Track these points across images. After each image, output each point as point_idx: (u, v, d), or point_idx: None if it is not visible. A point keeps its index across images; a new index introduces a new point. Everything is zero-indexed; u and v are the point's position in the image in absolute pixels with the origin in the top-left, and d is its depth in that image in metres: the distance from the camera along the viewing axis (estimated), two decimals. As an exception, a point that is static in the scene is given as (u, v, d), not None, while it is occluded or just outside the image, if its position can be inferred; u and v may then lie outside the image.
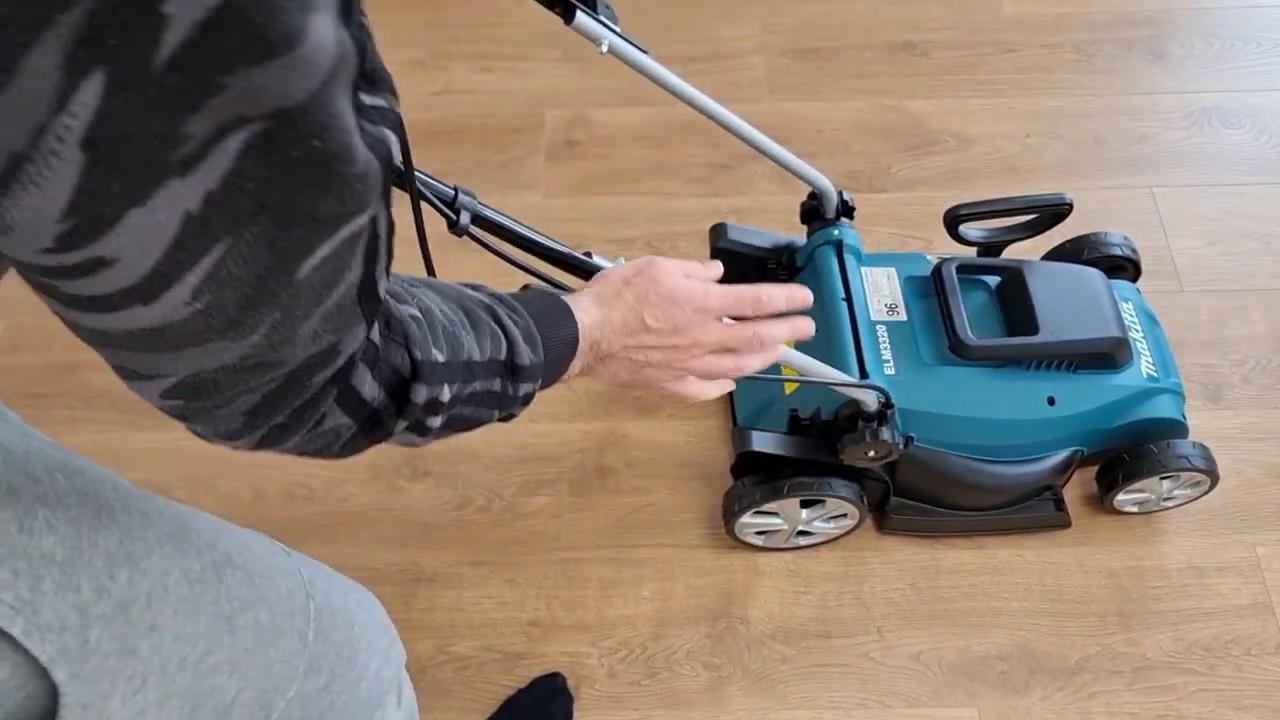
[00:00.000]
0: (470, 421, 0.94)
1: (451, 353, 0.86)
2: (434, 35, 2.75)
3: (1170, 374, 1.87)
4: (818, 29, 2.75)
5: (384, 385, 0.79)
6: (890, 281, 1.86)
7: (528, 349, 0.95)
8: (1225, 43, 2.69)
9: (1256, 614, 1.92)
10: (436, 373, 0.83)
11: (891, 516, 1.95)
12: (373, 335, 0.76)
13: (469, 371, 0.88)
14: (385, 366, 0.79)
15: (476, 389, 0.90)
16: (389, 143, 0.61)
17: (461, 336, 0.88)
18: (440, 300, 0.90)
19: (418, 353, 0.81)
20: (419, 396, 0.82)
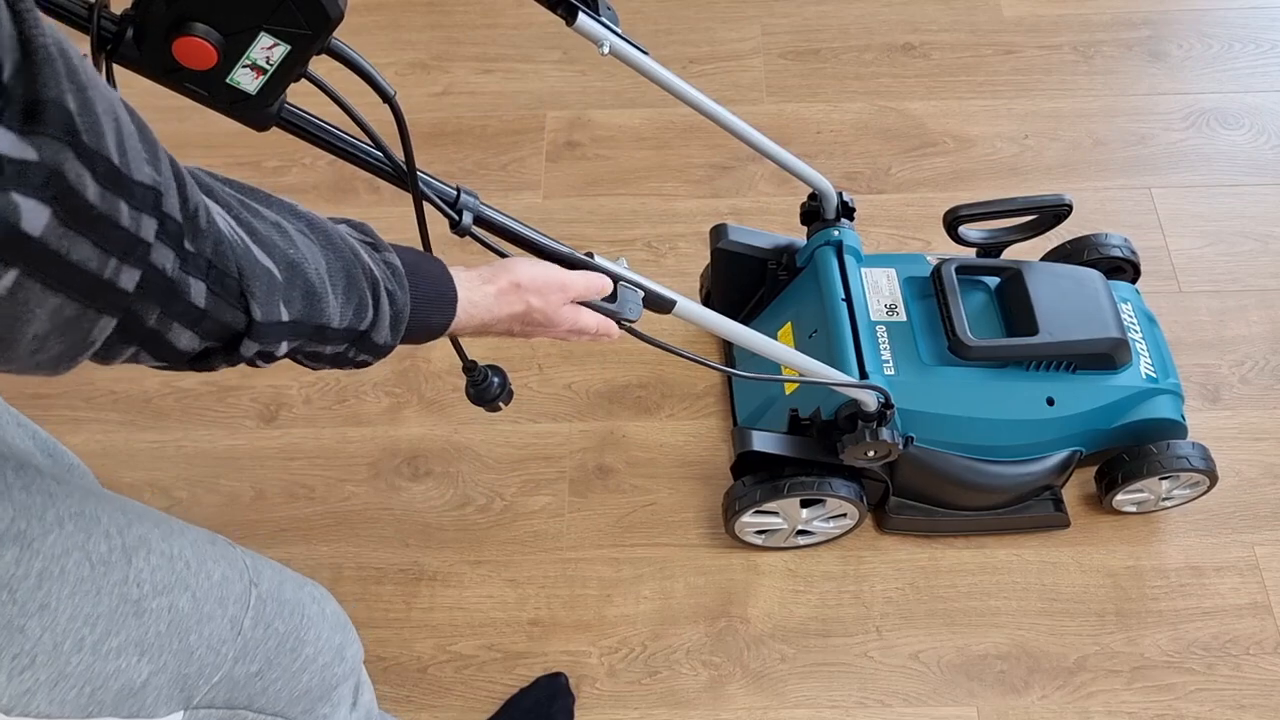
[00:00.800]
0: (310, 363, 0.94)
1: (304, 313, 0.85)
2: (435, 37, 2.76)
3: (1169, 375, 1.87)
4: (817, 31, 2.75)
5: (208, 337, 0.78)
6: (890, 282, 1.87)
7: (389, 333, 0.96)
8: (1224, 44, 2.69)
9: (1255, 613, 1.92)
10: (274, 331, 0.82)
11: (891, 516, 1.96)
12: (195, 300, 0.73)
13: (318, 334, 0.88)
14: (211, 323, 0.76)
15: (321, 349, 0.91)
16: (12, 215, 0.56)
17: (326, 300, 0.87)
18: (324, 257, 0.88)
19: (257, 311, 0.79)
20: (248, 351, 0.81)
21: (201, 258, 0.73)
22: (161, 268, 0.69)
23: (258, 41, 0.86)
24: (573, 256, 1.24)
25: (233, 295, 0.76)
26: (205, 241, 0.73)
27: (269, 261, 0.80)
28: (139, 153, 0.65)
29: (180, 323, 0.74)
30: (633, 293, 1.28)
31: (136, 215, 0.65)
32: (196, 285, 0.73)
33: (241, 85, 0.89)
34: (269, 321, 0.80)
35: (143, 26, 0.84)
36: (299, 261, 0.84)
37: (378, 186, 2.47)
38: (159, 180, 0.67)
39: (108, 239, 0.63)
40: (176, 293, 0.71)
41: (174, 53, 0.84)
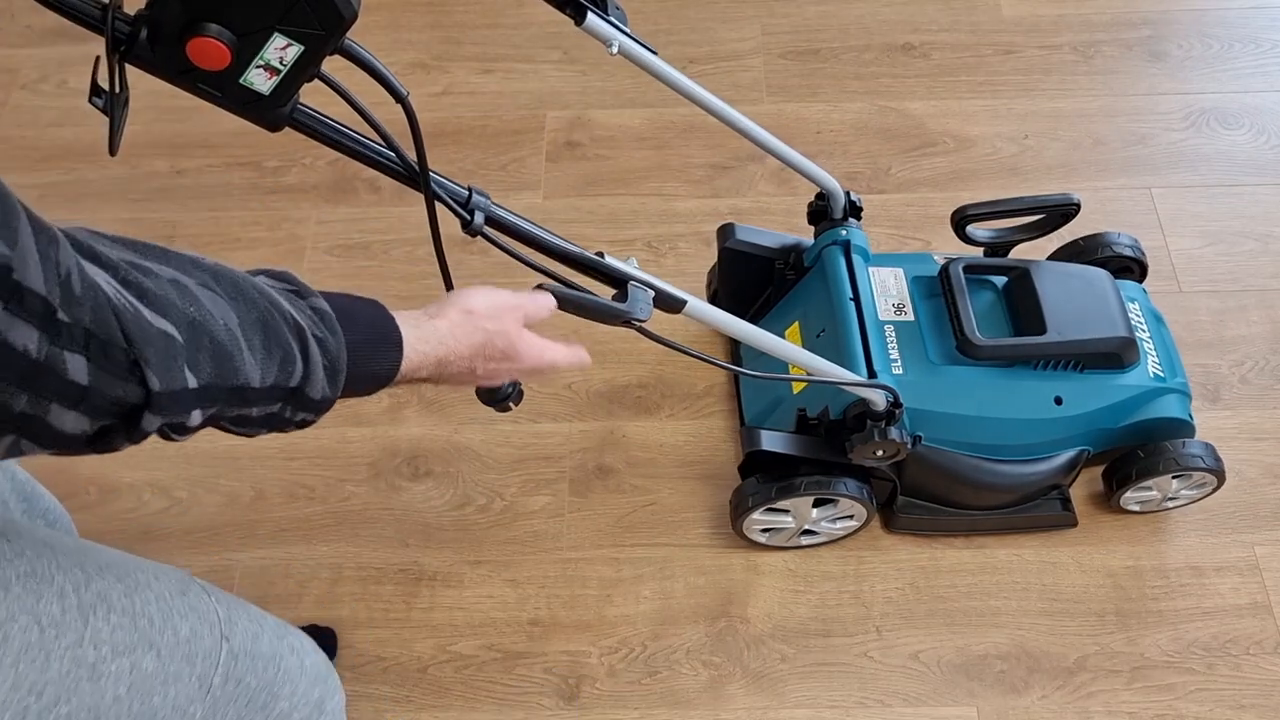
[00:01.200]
0: (239, 429, 0.89)
1: (215, 375, 0.78)
2: (435, 37, 2.76)
3: (1177, 374, 1.88)
4: (817, 31, 2.75)
5: (100, 415, 0.71)
6: (898, 281, 1.87)
7: (324, 383, 0.89)
8: (1224, 44, 2.69)
9: (1255, 613, 1.92)
10: (179, 400, 0.75)
11: (899, 515, 1.96)
12: (75, 376, 0.67)
13: (237, 396, 0.81)
14: (99, 399, 0.70)
15: (247, 412, 0.84)
16: None
17: (239, 360, 0.80)
18: (233, 310, 0.81)
19: (155, 381, 0.72)
20: (150, 425, 0.75)
21: (78, 328, 0.66)
22: (21, 348, 0.63)
23: (271, 42, 0.85)
24: (584, 256, 1.24)
25: (121, 367, 0.70)
26: (82, 310, 0.67)
27: (164, 324, 0.74)
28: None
29: (59, 404, 0.68)
30: (643, 292, 1.28)
31: (16, 320, 0.61)
32: (74, 360, 0.67)
33: (255, 86, 0.89)
34: (171, 390, 0.74)
35: (156, 27, 0.84)
36: (202, 320, 0.77)
37: (378, 186, 2.47)
38: (8, 254, 0.60)
39: (7, 369, 0.61)
40: (48, 372, 0.65)
41: (188, 53, 0.84)
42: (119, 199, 2.48)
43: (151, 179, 2.51)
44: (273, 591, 1.96)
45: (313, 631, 1.90)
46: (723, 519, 1.99)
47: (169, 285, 0.76)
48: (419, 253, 2.36)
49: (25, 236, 0.62)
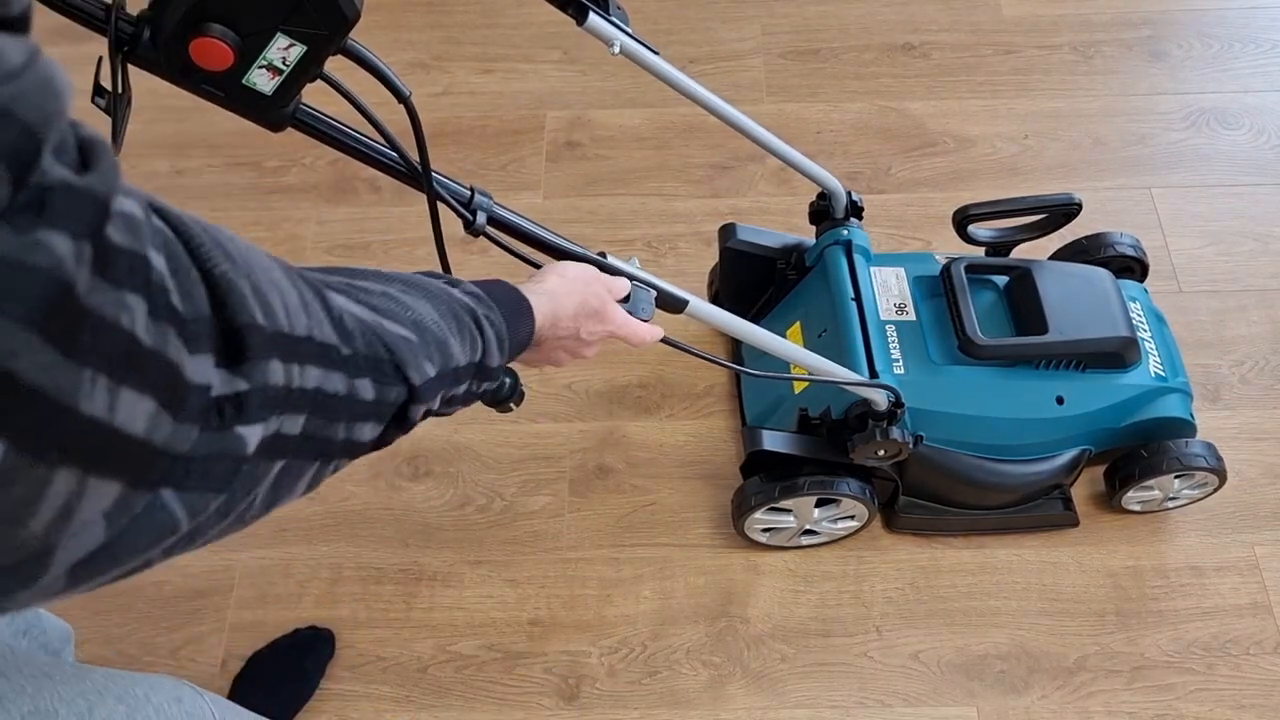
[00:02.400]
0: (442, 410, 0.95)
1: (442, 363, 0.85)
2: (435, 37, 2.76)
3: (1178, 373, 1.88)
4: (817, 31, 2.75)
5: (384, 419, 0.80)
6: (899, 281, 1.87)
7: (498, 353, 0.96)
8: (1224, 44, 2.69)
9: (1255, 613, 1.92)
10: (430, 388, 0.83)
11: (900, 515, 1.96)
12: (365, 396, 0.75)
13: (455, 378, 0.89)
14: (383, 407, 0.78)
15: (456, 392, 0.91)
16: (238, 447, 0.62)
17: (451, 344, 0.87)
18: (431, 308, 0.87)
19: (415, 377, 0.80)
20: (417, 415, 0.83)
21: (358, 357, 0.73)
22: (333, 392, 0.70)
23: (274, 42, 0.85)
24: (586, 256, 1.24)
25: (389, 376, 0.77)
26: (355, 341, 0.73)
27: (401, 329, 0.81)
28: (298, 311, 0.67)
29: (360, 421, 0.75)
30: (645, 292, 1.28)
31: (326, 373, 0.69)
32: (362, 384, 0.74)
33: (257, 86, 0.89)
34: (424, 382, 0.81)
35: (159, 27, 0.84)
36: (420, 320, 0.84)
37: (378, 186, 2.47)
38: (313, 325, 0.68)
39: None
40: (351, 401, 0.73)
41: (191, 54, 0.84)
42: (119, 199, 2.48)
43: (151, 179, 2.51)
44: (273, 591, 1.96)
45: (311, 633, 1.91)
46: (723, 519, 2.00)
47: (384, 298, 0.83)
48: (419, 253, 2.36)
49: (311, 303, 0.69)
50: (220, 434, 0.57)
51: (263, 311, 0.60)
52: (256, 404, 0.59)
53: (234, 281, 0.58)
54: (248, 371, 0.59)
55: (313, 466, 0.71)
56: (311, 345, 0.67)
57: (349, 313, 0.74)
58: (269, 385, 0.60)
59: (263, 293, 0.61)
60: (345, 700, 1.86)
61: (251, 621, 1.93)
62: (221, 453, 0.58)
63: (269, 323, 0.61)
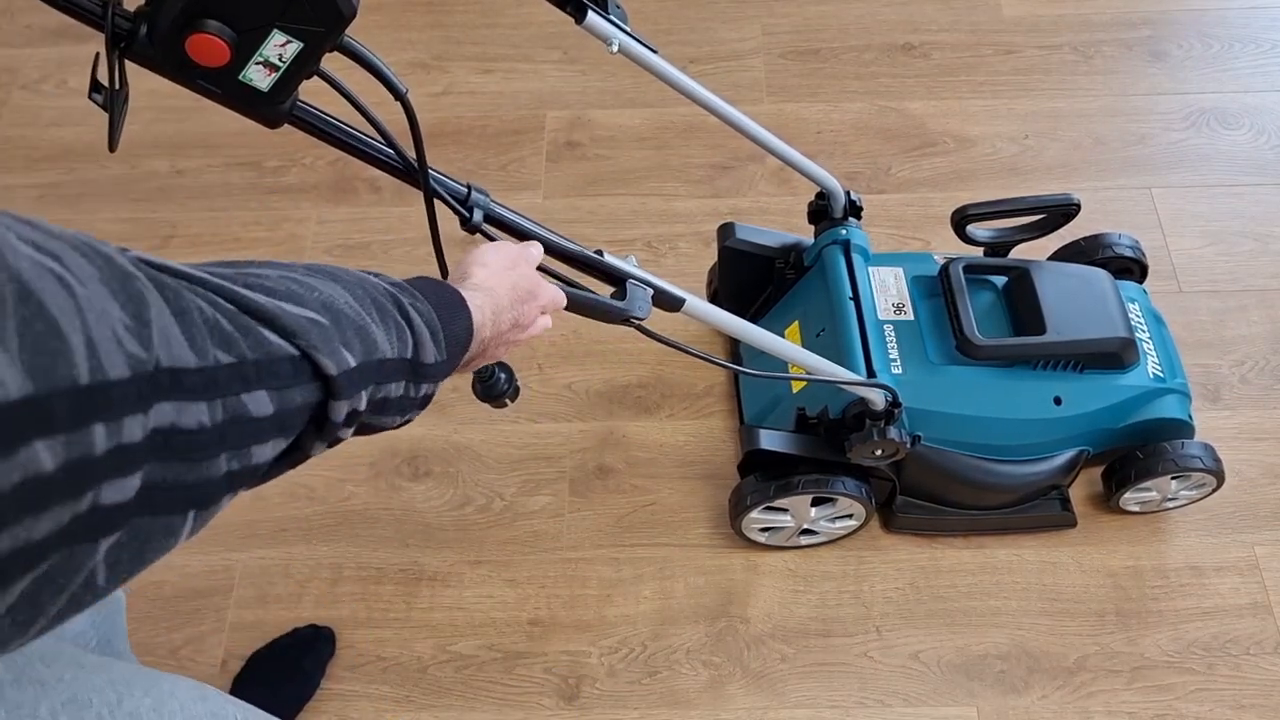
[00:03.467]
0: (369, 429, 0.85)
1: (364, 352, 0.75)
2: (435, 37, 2.76)
3: (1176, 374, 1.88)
4: (817, 31, 2.75)
5: (292, 430, 0.70)
6: (897, 281, 1.87)
7: (432, 347, 0.87)
8: (1224, 44, 2.69)
9: (1255, 613, 1.92)
10: (353, 381, 0.73)
11: (898, 515, 1.96)
12: (260, 411, 0.64)
13: (383, 373, 0.79)
14: (288, 416, 0.67)
15: (388, 393, 0.82)
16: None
17: (372, 330, 0.78)
18: (344, 292, 0.78)
19: (329, 365, 0.69)
20: (339, 415, 0.73)
21: (244, 365, 0.62)
22: (198, 426, 0.58)
23: (270, 39, 0.85)
24: (583, 254, 1.24)
25: (291, 375, 0.67)
26: (236, 344, 0.62)
27: (306, 311, 0.70)
28: (110, 340, 0.51)
29: (257, 444, 0.65)
30: (642, 290, 1.28)
31: (115, 427, 0.51)
32: (254, 398, 0.63)
33: (254, 82, 0.89)
34: (343, 371, 0.71)
35: (156, 23, 0.84)
36: (331, 301, 0.75)
37: (379, 186, 2.47)
38: (145, 354, 0.53)
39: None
40: (233, 425, 0.61)
41: (187, 50, 0.84)
42: (119, 199, 2.48)
43: (151, 179, 2.51)
44: (273, 591, 1.96)
45: (311, 632, 1.91)
46: (723, 519, 1.99)
47: (284, 280, 0.73)
48: (419, 252, 2.36)
49: (159, 316, 0.56)
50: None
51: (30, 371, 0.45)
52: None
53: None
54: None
55: (182, 519, 0.60)
56: (158, 379, 0.54)
57: (227, 309, 0.63)
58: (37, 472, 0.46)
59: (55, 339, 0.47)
60: (345, 700, 1.86)
61: (251, 621, 1.93)
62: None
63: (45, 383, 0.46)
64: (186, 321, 0.58)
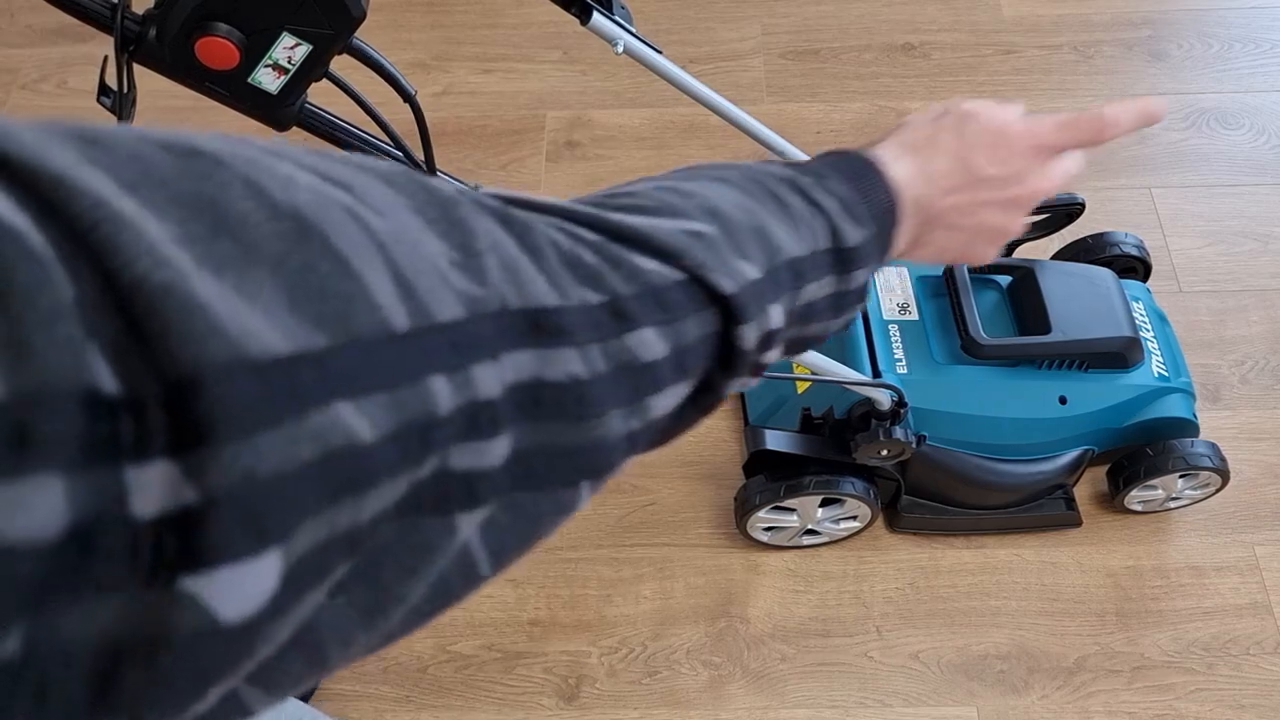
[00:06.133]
0: (801, 344, 0.70)
1: (767, 257, 0.59)
2: (434, 37, 2.75)
3: (1181, 373, 1.88)
4: (817, 31, 2.75)
5: (695, 371, 0.55)
6: (902, 281, 1.87)
7: (852, 224, 0.68)
8: (1224, 44, 2.69)
9: (1255, 613, 1.92)
10: (758, 296, 0.57)
11: (903, 515, 1.96)
12: (651, 356, 0.50)
13: (795, 274, 0.62)
14: (684, 354, 0.53)
15: (812, 296, 0.65)
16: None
17: (772, 229, 0.61)
18: (732, 190, 0.62)
19: (726, 283, 0.54)
20: (747, 340, 0.57)
21: (622, 300, 0.49)
22: (565, 379, 0.46)
23: (280, 41, 0.85)
24: None
25: (681, 303, 0.53)
26: (608, 279, 0.50)
27: (686, 224, 0.56)
28: (431, 275, 0.40)
29: (653, 395, 0.51)
30: None
31: (464, 380, 0.40)
32: (640, 338, 0.50)
33: (263, 85, 0.89)
34: (743, 287, 0.56)
35: (165, 26, 0.84)
36: (715, 204, 0.60)
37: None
38: (478, 293, 0.42)
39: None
40: (622, 372, 0.49)
41: (196, 52, 0.84)
42: (118, 198, 2.47)
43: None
44: (273, 591, 1.96)
45: None
46: (723, 519, 1.99)
47: (661, 192, 0.59)
48: (419, 252, 2.35)
49: (499, 248, 0.45)
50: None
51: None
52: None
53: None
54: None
55: (574, 491, 0.48)
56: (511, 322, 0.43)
57: (593, 241, 0.51)
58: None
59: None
60: (345, 700, 1.86)
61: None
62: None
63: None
64: (539, 257, 0.47)
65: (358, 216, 0.38)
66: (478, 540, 0.43)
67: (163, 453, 0.29)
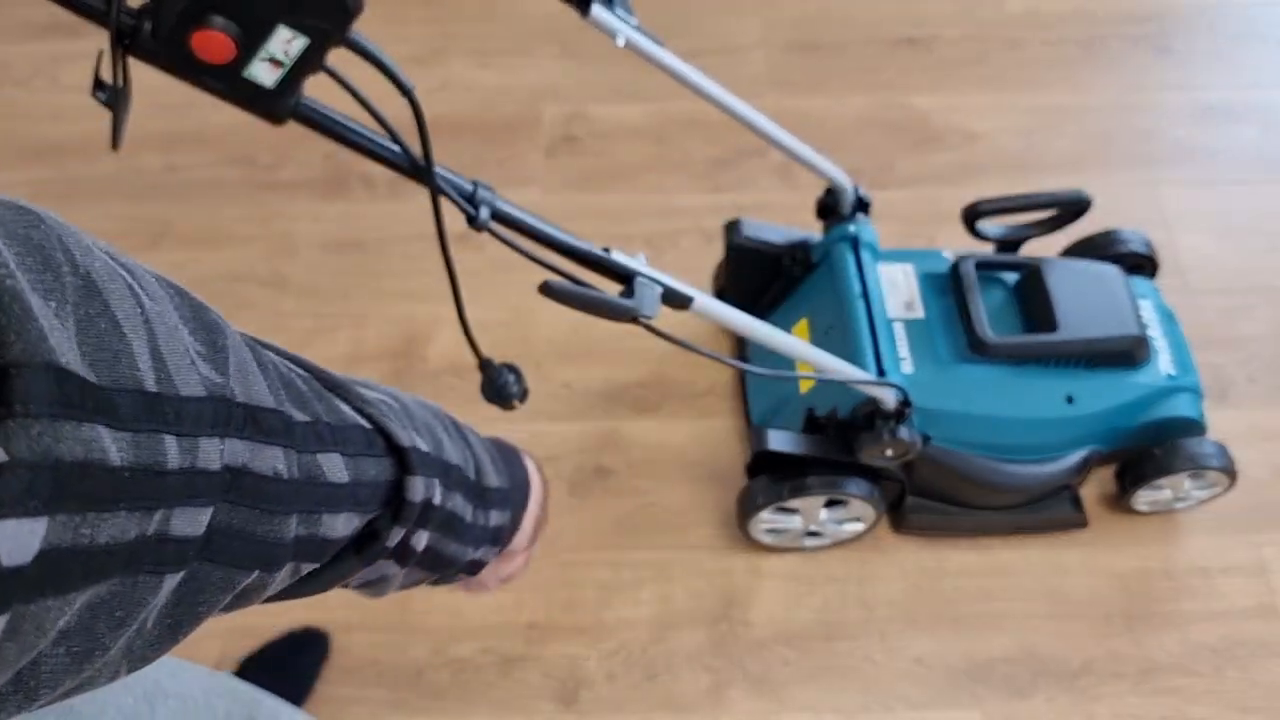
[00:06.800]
0: (439, 559, 0.76)
1: (434, 446, 0.71)
2: (431, 31, 2.74)
3: (1188, 372, 1.86)
4: (820, 24, 2.73)
5: (366, 508, 0.64)
6: (907, 278, 1.85)
7: (493, 472, 0.82)
8: (1231, 39, 2.68)
9: (1263, 615, 1.91)
10: (426, 463, 0.68)
11: (908, 516, 1.94)
12: (334, 477, 0.59)
13: (449, 476, 0.72)
14: (361, 489, 0.62)
15: (455, 506, 0.74)
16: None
17: (439, 434, 0.73)
18: (409, 397, 0.75)
19: (401, 437, 0.65)
20: (416, 493, 0.66)
21: (320, 424, 0.59)
22: (273, 473, 0.54)
23: (276, 35, 0.84)
24: (590, 252, 1.23)
25: (363, 445, 0.63)
26: (312, 404, 0.59)
27: (378, 394, 0.68)
28: (178, 355, 0.48)
29: (328, 512, 0.59)
30: (651, 289, 1.26)
31: (190, 446, 0.47)
32: (329, 460, 0.59)
33: (259, 79, 0.87)
34: (417, 448, 0.67)
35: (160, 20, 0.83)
36: (399, 395, 0.72)
37: (373, 183, 2.44)
38: (221, 378, 0.50)
39: (138, 503, 0.44)
40: (307, 485, 0.57)
41: (192, 46, 0.83)
42: (111, 195, 2.46)
43: (144, 175, 2.48)
44: (268, 593, 1.94)
45: (304, 634, 1.89)
46: (724, 521, 1.98)
47: (352, 377, 0.69)
48: (413, 250, 2.34)
49: (236, 351, 0.53)
50: None
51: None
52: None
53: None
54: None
55: (245, 574, 0.54)
56: (205, 408, 0.48)
57: (302, 375, 0.61)
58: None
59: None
60: (340, 704, 1.84)
61: (245, 625, 1.90)
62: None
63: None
64: (265, 370, 0.55)
65: (135, 293, 0.46)
66: (160, 602, 0.49)
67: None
